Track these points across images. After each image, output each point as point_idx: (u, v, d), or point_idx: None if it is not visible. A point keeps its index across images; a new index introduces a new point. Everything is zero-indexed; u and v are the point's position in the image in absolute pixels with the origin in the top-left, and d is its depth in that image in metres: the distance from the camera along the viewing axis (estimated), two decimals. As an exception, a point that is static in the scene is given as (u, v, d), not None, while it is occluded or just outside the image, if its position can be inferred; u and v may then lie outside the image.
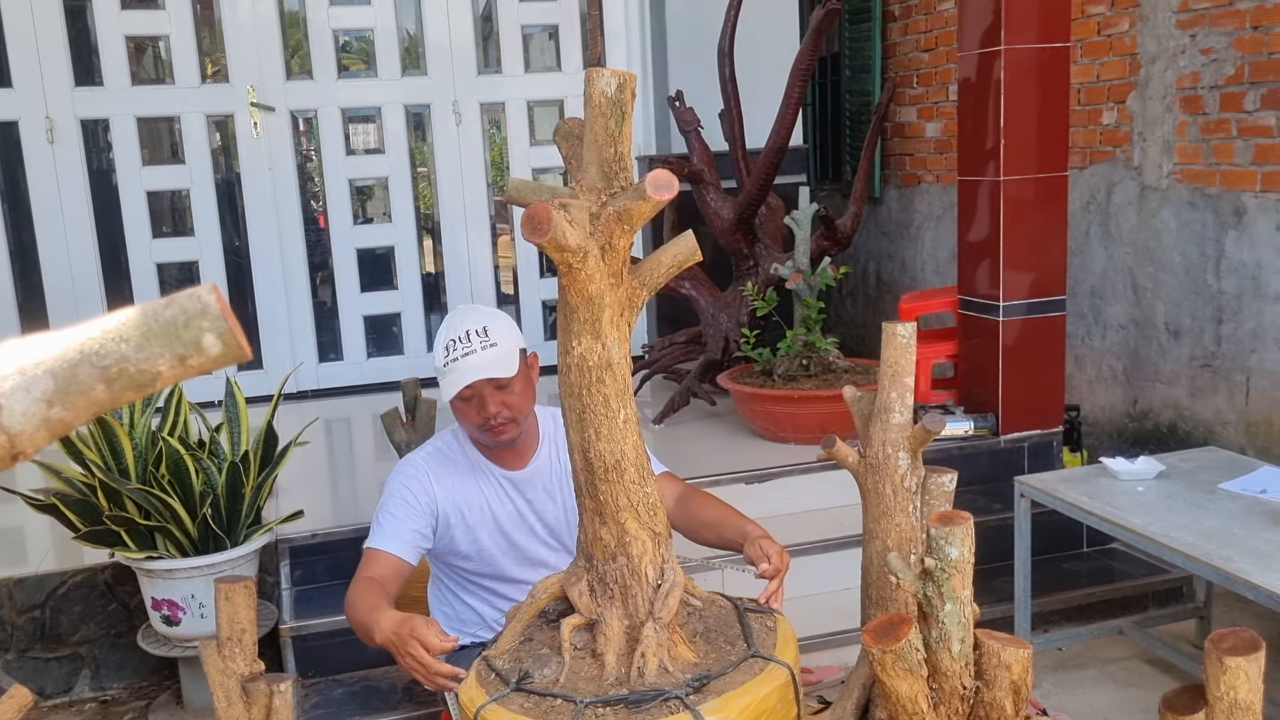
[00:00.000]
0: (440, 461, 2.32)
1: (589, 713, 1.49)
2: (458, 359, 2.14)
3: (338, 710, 3.05)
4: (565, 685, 1.56)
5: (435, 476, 2.29)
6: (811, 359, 4.11)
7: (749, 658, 1.61)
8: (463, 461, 2.33)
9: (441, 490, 2.28)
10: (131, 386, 0.63)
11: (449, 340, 2.17)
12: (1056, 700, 3.09)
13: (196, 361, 0.64)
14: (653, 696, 1.50)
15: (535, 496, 2.35)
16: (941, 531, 1.47)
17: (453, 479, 2.30)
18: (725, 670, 1.57)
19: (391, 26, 5.29)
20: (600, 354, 1.55)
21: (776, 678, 1.59)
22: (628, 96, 1.50)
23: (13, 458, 0.61)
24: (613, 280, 1.54)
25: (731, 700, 1.51)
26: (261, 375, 5.09)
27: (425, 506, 2.27)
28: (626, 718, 1.48)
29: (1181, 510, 2.78)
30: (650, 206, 1.47)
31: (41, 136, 4.88)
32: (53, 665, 3.36)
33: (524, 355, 2.23)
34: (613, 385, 1.57)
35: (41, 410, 0.61)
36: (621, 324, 1.58)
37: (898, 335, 1.96)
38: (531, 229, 1.41)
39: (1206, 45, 3.97)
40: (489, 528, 2.32)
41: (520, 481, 2.34)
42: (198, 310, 0.63)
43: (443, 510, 2.28)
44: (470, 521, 2.31)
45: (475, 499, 2.31)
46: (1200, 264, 4.07)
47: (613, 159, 1.51)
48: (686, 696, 1.50)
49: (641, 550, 1.62)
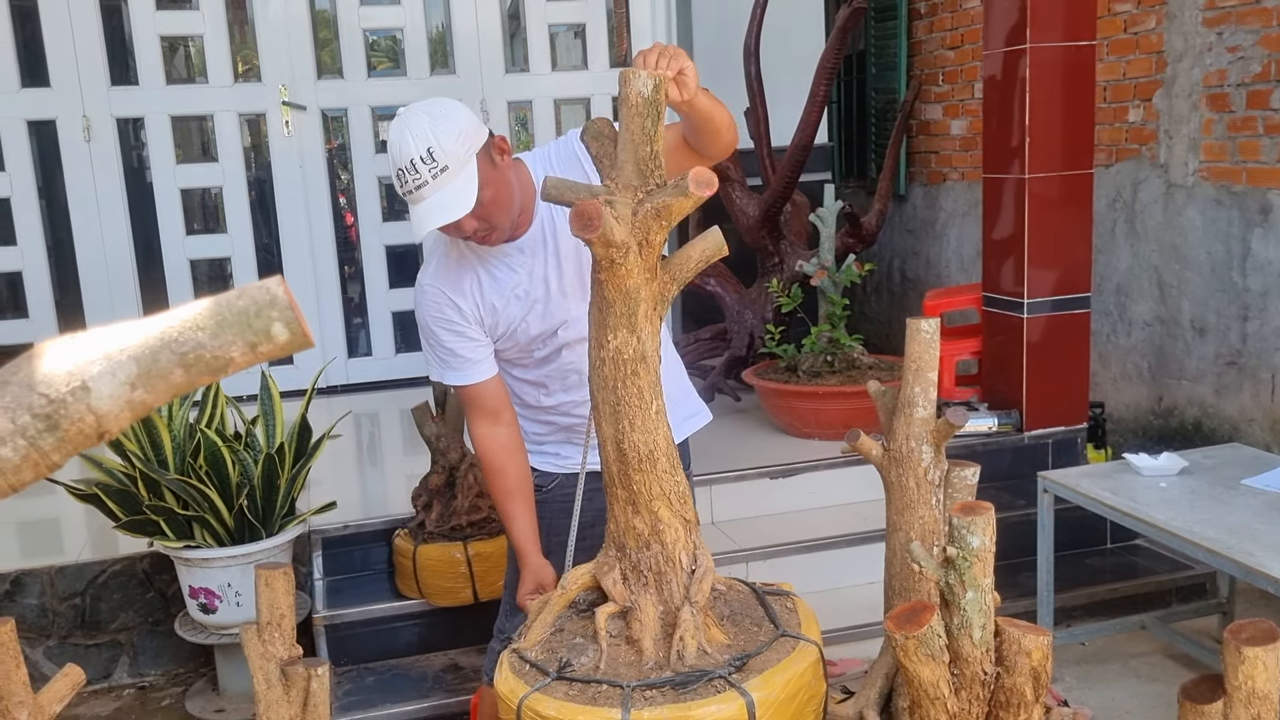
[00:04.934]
0: (445, 270, 2.19)
1: (636, 695, 1.53)
2: (411, 192, 1.96)
3: (369, 697, 3.11)
4: (605, 672, 1.61)
5: (449, 288, 2.17)
6: (836, 355, 4.14)
7: (779, 637, 1.66)
8: (462, 255, 2.19)
9: (463, 299, 2.17)
10: (207, 371, 0.68)
11: (398, 169, 1.96)
12: (1079, 694, 3.12)
13: (266, 348, 0.69)
14: (698, 677, 1.55)
15: (548, 254, 2.19)
16: (963, 521, 1.51)
17: (463, 277, 2.18)
18: (760, 650, 1.62)
19: (420, 25, 5.36)
20: (635, 347, 1.60)
21: (809, 655, 1.64)
22: (662, 96, 1.55)
23: (99, 436, 0.67)
24: (648, 275, 1.58)
25: (772, 677, 1.57)
26: (293, 370, 5.16)
27: (469, 321, 2.17)
28: (674, 699, 1.53)
29: (1204, 506, 2.79)
30: (691, 202, 1.52)
31: (78, 135, 4.97)
32: (92, 652, 3.44)
33: (487, 150, 2.02)
34: (646, 378, 1.62)
35: (126, 393, 0.66)
36: (654, 318, 1.63)
37: (921, 331, 1.99)
38: (582, 225, 1.46)
39: (1233, 43, 3.96)
40: (513, 299, 2.20)
41: (525, 246, 2.18)
42: (267, 301, 0.68)
43: (474, 312, 2.18)
44: (498, 304, 2.19)
45: (490, 284, 2.18)
46: (1226, 261, 4.07)
47: (648, 157, 1.56)
48: (730, 675, 1.55)
49: (675, 537, 1.67)
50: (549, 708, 1.56)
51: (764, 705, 1.52)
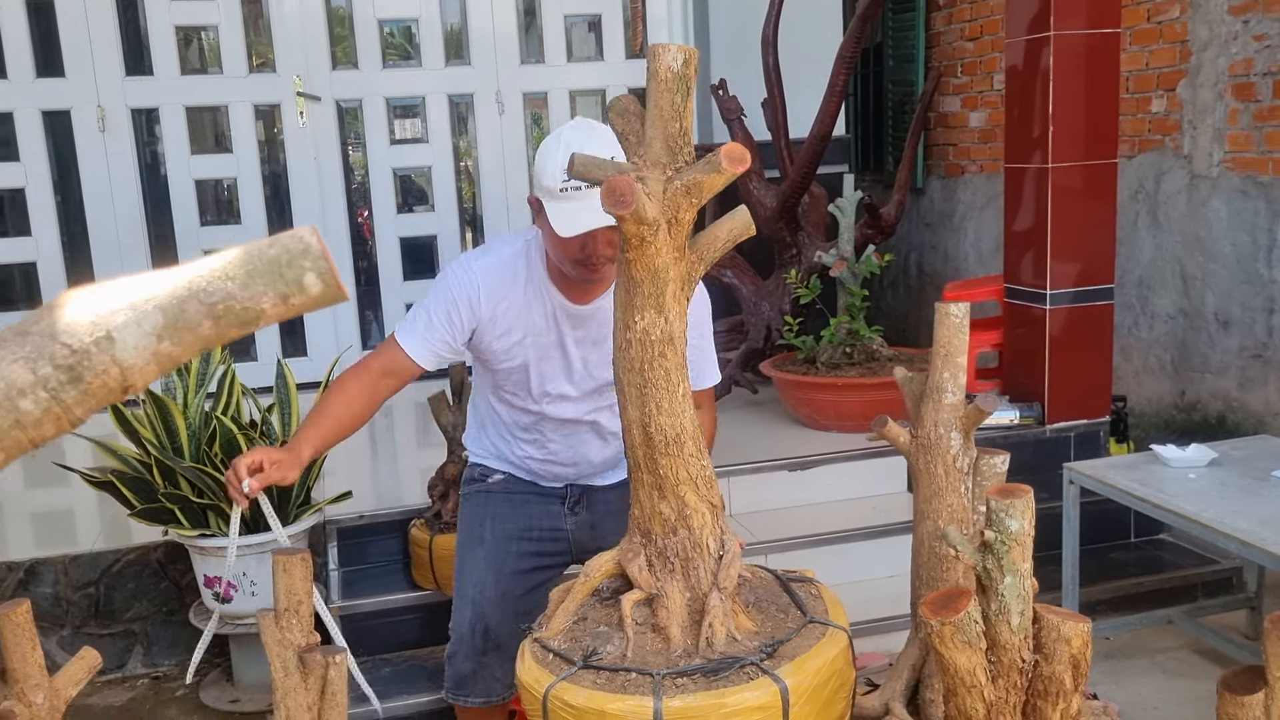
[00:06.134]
0: (498, 274, 2.19)
1: (667, 683, 1.50)
2: (580, 189, 1.97)
3: (385, 688, 3.08)
4: (633, 660, 1.58)
5: (487, 290, 2.18)
6: (855, 347, 4.10)
7: (808, 623, 1.62)
8: (523, 278, 2.19)
9: (489, 305, 2.18)
10: (237, 323, 0.65)
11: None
12: (1104, 689, 3.07)
13: (299, 300, 0.65)
14: (730, 664, 1.52)
15: (582, 336, 2.24)
16: (1002, 504, 1.47)
17: (506, 294, 2.19)
18: (790, 636, 1.59)
19: (435, 16, 5.32)
20: (663, 328, 1.56)
21: (839, 641, 1.61)
22: (692, 72, 1.51)
23: (124, 390, 0.63)
24: (676, 254, 1.55)
25: (804, 664, 1.53)
26: (307, 363, 5.14)
27: (465, 322, 2.19)
28: (706, 686, 1.49)
29: (1234, 497, 2.74)
30: (723, 180, 1.48)
31: (93, 125, 4.96)
32: (106, 641, 3.42)
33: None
34: (674, 359, 1.58)
35: (151, 344, 0.63)
36: (681, 298, 1.59)
37: (950, 315, 1.95)
38: (614, 201, 1.42)
39: (1259, 31, 3.91)
40: (522, 349, 2.23)
41: (576, 315, 2.22)
42: (300, 250, 0.65)
43: (483, 321, 2.20)
44: (512, 338, 2.22)
45: (521, 316, 2.20)
46: (1251, 253, 4.02)
47: (677, 134, 1.52)
48: (761, 662, 1.52)
49: (702, 523, 1.63)
50: (577, 696, 1.53)
51: (797, 692, 1.48)
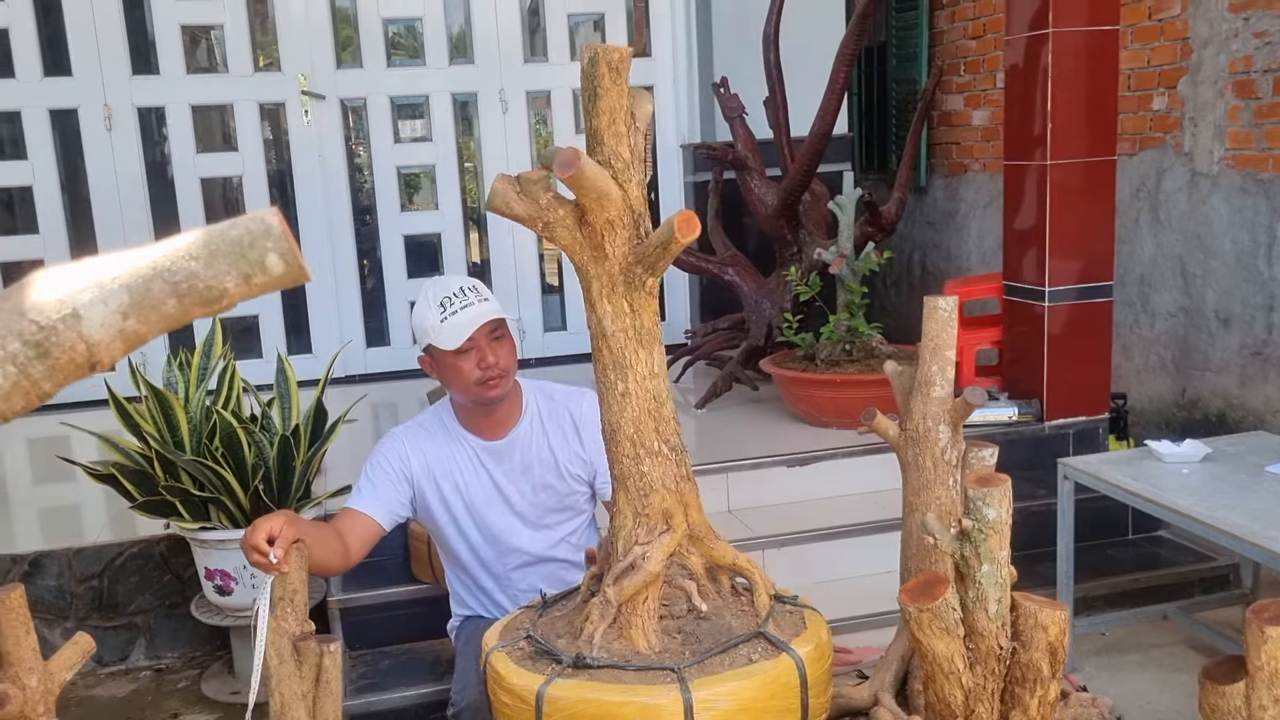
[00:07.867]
0: (419, 433, 2.45)
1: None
2: (458, 311, 2.26)
3: (383, 680, 3.11)
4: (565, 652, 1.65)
5: (413, 446, 2.41)
6: (854, 344, 4.11)
7: (720, 652, 1.65)
8: (440, 432, 2.45)
9: (417, 459, 2.40)
10: (200, 302, 0.67)
11: (444, 297, 2.28)
12: (1099, 684, 3.08)
13: (261, 280, 0.68)
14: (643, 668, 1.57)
15: (510, 469, 2.43)
16: (979, 492, 1.48)
17: (429, 447, 2.42)
18: (690, 663, 1.62)
19: (440, 15, 5.35)
20: (595, 324, 1.62)
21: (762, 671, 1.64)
22: (600, 69, 1.52)
23: (91, 366, 0.66)
24: (594, 253, 1.59)
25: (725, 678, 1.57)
26: (310, 359, 5.18)
27: (401, 474, 2.38)
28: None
29: (1228, 492, 2.75)
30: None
31: (100, 124, 5.00)
32: (109, 634, 3.46)
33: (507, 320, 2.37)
34: (608, 358, 1.63)
35: (117, 322, 0.65)
36: (616, 299, 1.61)
37: (939, 309, 1.97)
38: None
39: (1260, 28, 3.91)
40: (460, 498, 2.42)
41: (496, 451, 2.43)
42: (261, 231, 0.67)
43: (417, 478, 2.40)
44: (444, 490, 2.41)
45: (449, 466, 2.42)
46: (1252, 251, 4.02)
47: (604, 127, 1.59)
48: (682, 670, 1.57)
49: (621, 524, 1.66)
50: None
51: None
